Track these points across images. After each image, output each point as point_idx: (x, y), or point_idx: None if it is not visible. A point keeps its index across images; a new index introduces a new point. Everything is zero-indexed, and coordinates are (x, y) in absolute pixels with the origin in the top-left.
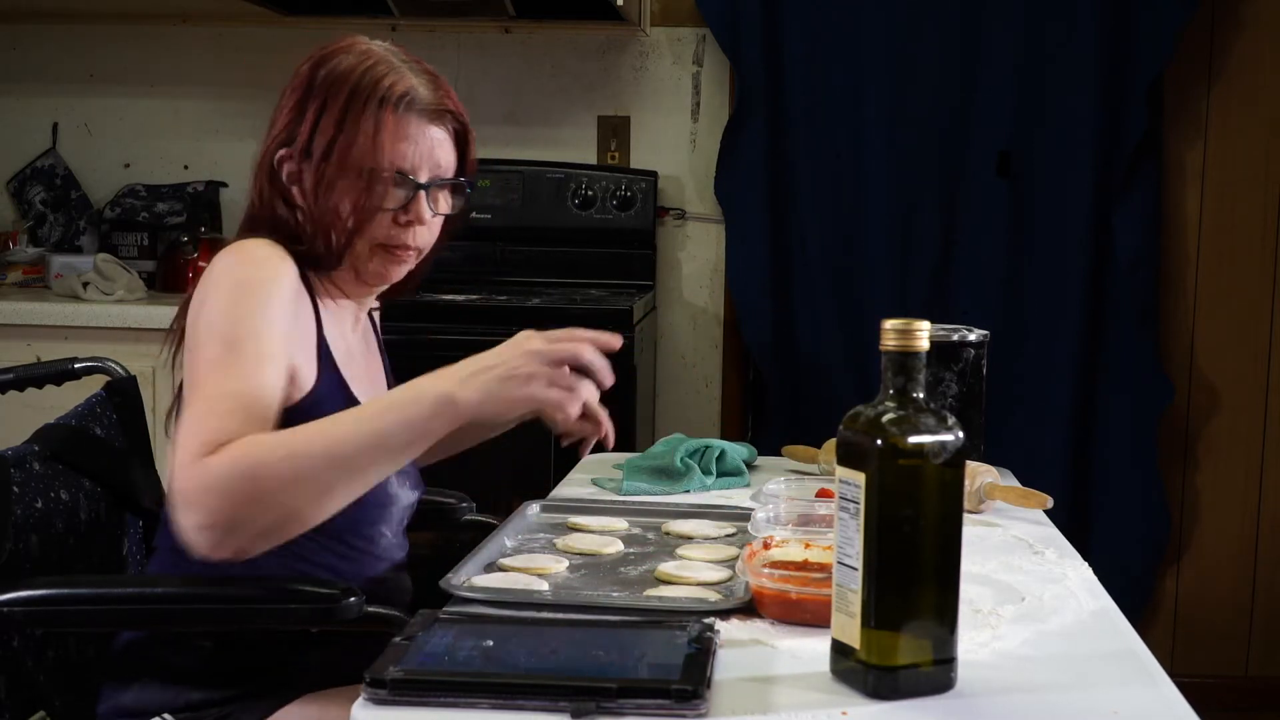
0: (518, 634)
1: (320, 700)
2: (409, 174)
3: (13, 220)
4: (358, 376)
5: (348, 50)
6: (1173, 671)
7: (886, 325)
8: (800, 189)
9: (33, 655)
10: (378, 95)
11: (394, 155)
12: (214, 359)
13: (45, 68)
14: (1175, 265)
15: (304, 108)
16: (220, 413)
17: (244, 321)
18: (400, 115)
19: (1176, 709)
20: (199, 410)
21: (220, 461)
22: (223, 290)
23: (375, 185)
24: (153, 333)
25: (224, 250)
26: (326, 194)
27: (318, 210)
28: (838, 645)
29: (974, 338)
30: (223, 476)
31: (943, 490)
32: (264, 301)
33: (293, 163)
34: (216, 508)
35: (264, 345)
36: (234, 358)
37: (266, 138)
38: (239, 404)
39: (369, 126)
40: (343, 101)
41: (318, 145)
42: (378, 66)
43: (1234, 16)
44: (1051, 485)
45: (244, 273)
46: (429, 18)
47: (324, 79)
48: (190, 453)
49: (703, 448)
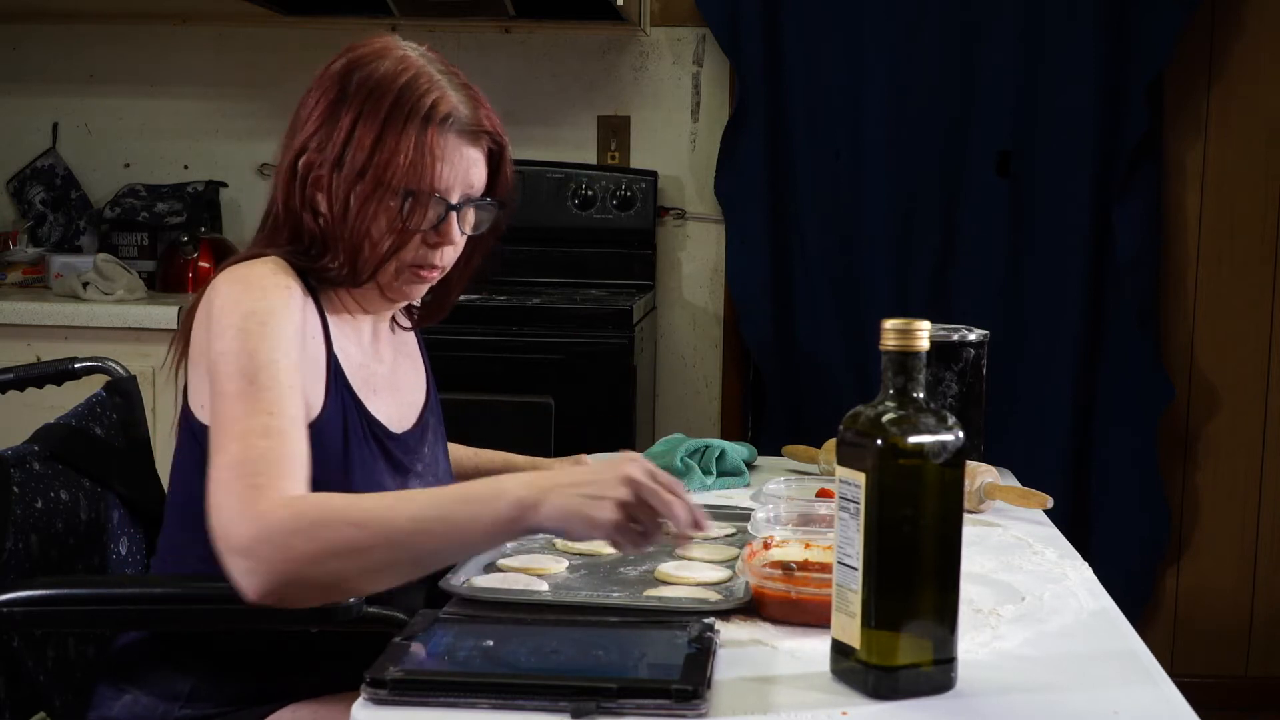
0: (518, 634)
1: (320, 700)
2: (443, 195)
3: (13, 220)
4: (377, 390)
5: (384, 55)
6: (1173, 671)
7: (886, 325)
8: (800, 189)
9: (33, 655)
10: (420, 113)
11: (433, 176)
12: (237, 393)
13: (45, 68)
14: (1175, 265)
15: (337, 114)
16: (260, 451)
17: (256, 355)
18: (442, 135)
19: (1176, 709)
20: (236, 449)
21: (281, 517)
22: (233, 322)
23: (416, 208)
24: (153, 333)
25: (226, 275)
26: (360, 212)
27: (348, 228)
28: (838, 645)
29: (974, 338)
30: (283, 532)
31: (943, 490)
32: (276, 330)
33: (322, 170)
34: (271, 559)
35: (283, 376)
36: (258, 390)
37: (291, 137)
38: (274, 440)
39: (408, 145)
40: (382, 115)
41: (353, 159)
42: (418, 79)
43: (1234, 17)
44: (1051, 485)
45: (252, 304)
46: (429, 18)
47: (359, 85)
48: (239, 496)
49: (703, 448)
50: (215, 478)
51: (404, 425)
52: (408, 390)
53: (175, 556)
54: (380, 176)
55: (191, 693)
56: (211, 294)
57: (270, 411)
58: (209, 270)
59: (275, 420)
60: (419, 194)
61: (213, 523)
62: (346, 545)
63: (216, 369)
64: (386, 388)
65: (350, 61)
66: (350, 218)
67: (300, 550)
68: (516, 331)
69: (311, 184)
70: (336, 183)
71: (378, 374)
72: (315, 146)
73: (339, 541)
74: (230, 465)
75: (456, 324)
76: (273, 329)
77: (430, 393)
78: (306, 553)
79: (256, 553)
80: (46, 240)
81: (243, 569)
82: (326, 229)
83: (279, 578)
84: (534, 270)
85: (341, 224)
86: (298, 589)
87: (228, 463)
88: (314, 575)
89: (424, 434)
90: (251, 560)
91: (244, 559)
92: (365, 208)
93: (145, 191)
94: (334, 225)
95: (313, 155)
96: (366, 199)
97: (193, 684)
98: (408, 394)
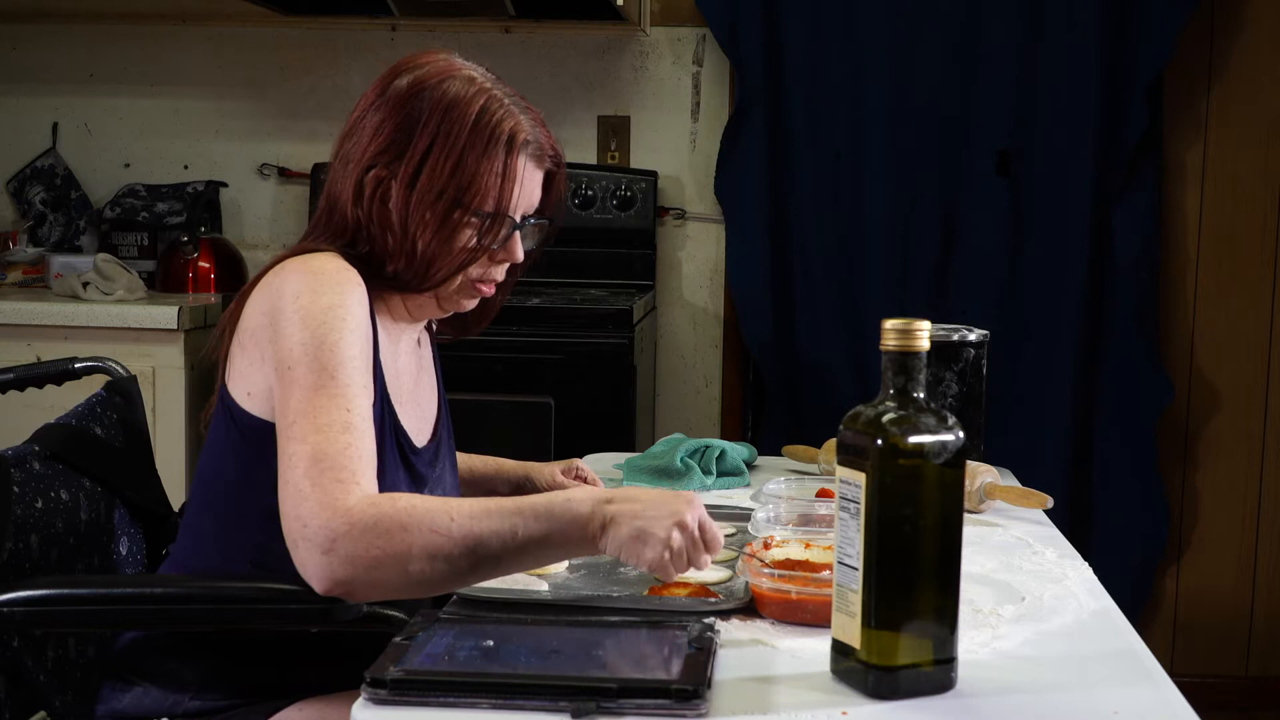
0: (518, 634)
1: (320, 700)
2: (513, 215)
3: (13, 220)
4: (404, 398)
5: (450, 74)
6: (1173, 671)
7: (887, 325)
8: (800, 188)
9: (33, 655)
10: (500, 139)
11: (511, 199)
12: (316, 385)
13: (45, 68)
14: (1175, 265)
15: (410, 133)
16: (342, 446)
17: (336, 348)
18: (521, 161)
19: (1176, 709)
20: (319, 441)
21: (369, 515)
22: (305, 313)
23: (493, 228)
24: (153, 333)
25: (296, 265)
26: (439, 231)
27: (421, 242)
28: (838, 645)
29: (974, 338)
30: (369, 530)
31: (943, 490)
32: (350, 327)
33: (394, 187)
34: (352, 554)
35: (357, 374)
36: (337, 385)
37: (351, 146)
38: (354, 437)
39: (488, 170)
40: (463, 139)
41: (432, 181)
42: (492, 104)
43: (1234, 16)
44: (1051, 485)
45: (326, 297)
46: (429, 17)
47: (432, 105)
48: (324, 489)
49: (703, 448)
50: (294, 466)
51: (422, 439)
52: (426, 404)
53: (198, 547)
54: (459, 198)
55: (201, 683)
56: (280, 283)
57: (349, 408)
58: (209, 270)
59: (354, 417)
60: (496, 215)
61: (289, 510)
62: (426, 550)
63: (291, 359)
64: (410, 400)
65: (417, 81)
66: (426, 234)
67: (381, 549)
68: (516, 331)
69: (381, 199)
70: (412, 201)
71: (404, 386)
72: (386, 163)
73: (420, 546)
74: (313, 457)
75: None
76: (351, 325)
77: (442, 409)
78: (388, 552)
79: (338, 547)
80: (46, 240)
81: (318, 560)
82: (395, 240)
83: (355, 573)
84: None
85: (415, 239)
86: (368, 586)
87: (310, 454)
88: (388, 575)
89: (438, 449)
90: (331, 554)
91: (321, 550)
92: (443, 227)
93: (145, 191)
94: (405, 239)
95: (382, 171)
96: (445, 218)
97: (201, 674)
98: (426, 408)
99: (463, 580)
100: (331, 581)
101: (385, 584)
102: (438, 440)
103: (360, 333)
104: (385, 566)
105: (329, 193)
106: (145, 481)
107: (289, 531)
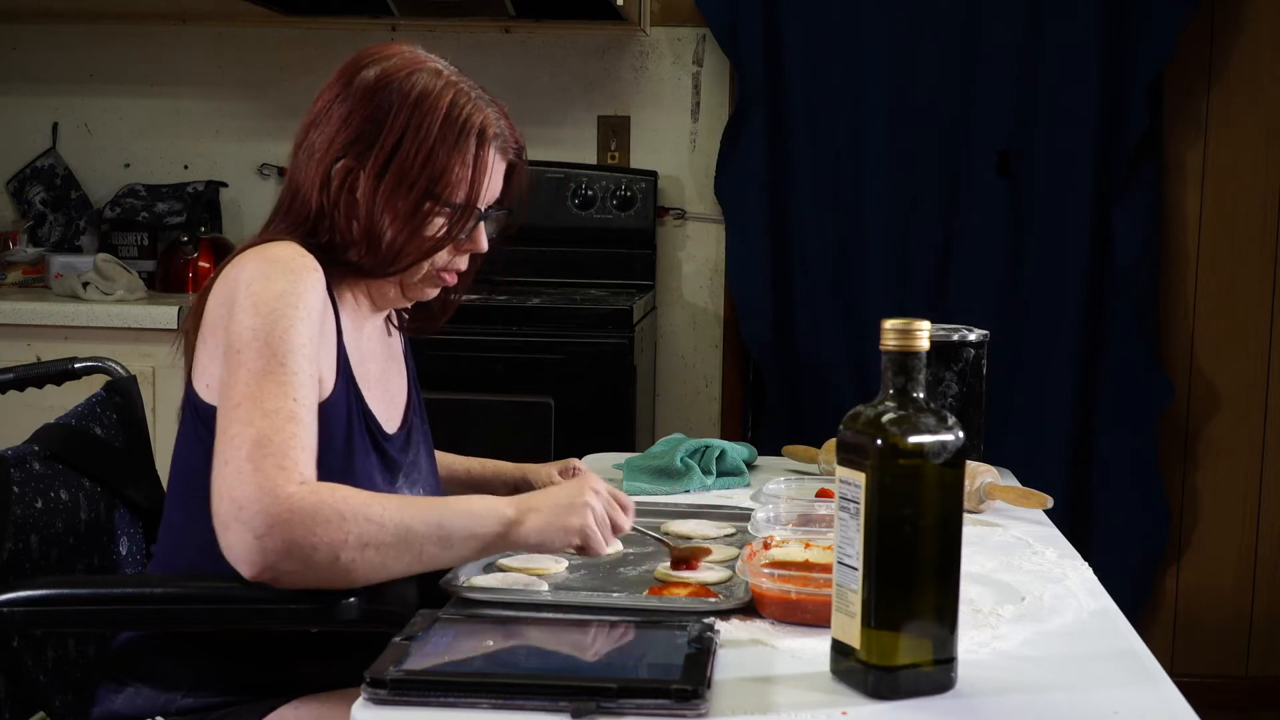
0: (518, 634)
1: (320, 700)
2: (480, 205)
3: (13, 220)
4: (371, 383)
5: (416, 67)
6: (1173, 671)
7: (886, 325)
8: (800, 189)
9: (33, 655)
10: (470, 132)
11: (480, 191)
12: (263, 370)
13: (45, 68)
14: (1175, 265)
15: (379, 124)
16: (287, 435)
17: (287, 335)
18: (490, 154)
19: (1176, 709)
20: (263, 426)
21: (308, 502)
22: (258, 299)
23: (464, 221)
24: (153, 333)
25: (252, 253)
26: (411, 222)
27: (388, 232)
28: (838, 645)
29: (974, 338)
30: (307, 518)
31: (943, 490)
32: (301, 315)
33: (362, 178)
34: (288, 539)
35: (305, 363)
36: (285, 373)
37: (317, 136)
38: (298, 426)
39: (458, 163)
40: (434, 132)
41: (403, 173)
42: (460, 98)
43: (1234, 16)
44: (1051, 485)
45: (279, 283)
46: (429, 17)
47: (401, 98)
48: (264, 474)
49: (703, 448)
50: (233, 448)
51: (392, 426)
52: (395, 392)
53: (175, 541)
54: (431, 189)
55: (195, 681)
56: (236, 271)
57: (295, 397)
58: (209, 270)
59: (299, 407)
60: (466, 206)
61: (224, 490)
62: (360, 539)
63: (240, 342)
64: (378, 386)
65: (384, 73)
66: (396, 224)
67: (319, 537)
68: (516, 331)
69: (349, 189)
70: (382, 192)
71: (371, 372)
72: (355, 154)
73: (356, 534)
74: (257, 441)
75: (457, 324)
76: (301, 313)
77: (413, 397)
78: (325, 540)
79: (274, 531)
80: (46, 240)
81: (250, 544)
82: (360, 229)
83: (288, 559)
84: (534, 270)
85: (383, 229)
86: (296, 573)
87: (255, 438)
88: (319, 563)
89: (410, 436)
90: (265, 538)
91: (255, 535)
92: (413, 217)
93: (145, 191)
94: (372, 228)
95: (350, 162)
96: (415, 209)
97: (196, 673)
98: (396, 395)
99: (387, 571)
100: (262, 566)
101: (314, 572)
102: (409, 426)
103: (312, 320)
104: (320, 553)
105: (292, 182)
106: (145, 481)
107: (220, 513)
